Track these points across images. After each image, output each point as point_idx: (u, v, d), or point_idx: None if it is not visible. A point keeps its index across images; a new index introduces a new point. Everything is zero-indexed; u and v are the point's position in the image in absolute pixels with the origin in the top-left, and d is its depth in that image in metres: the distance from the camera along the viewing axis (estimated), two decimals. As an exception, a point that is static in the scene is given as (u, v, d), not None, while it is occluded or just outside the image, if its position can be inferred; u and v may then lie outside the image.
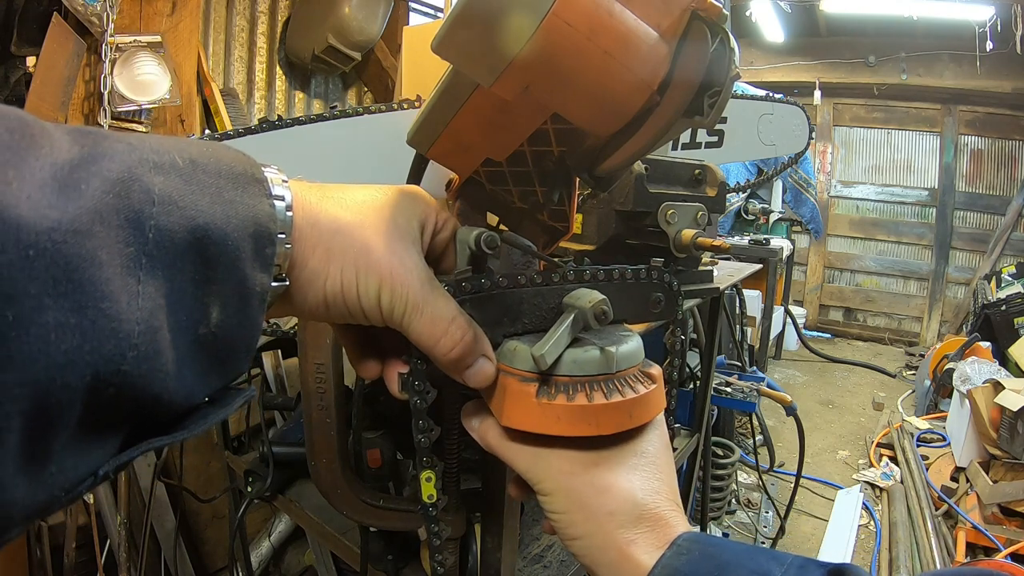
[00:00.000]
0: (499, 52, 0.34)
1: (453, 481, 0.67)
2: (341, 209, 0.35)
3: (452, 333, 0.36)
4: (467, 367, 0.38)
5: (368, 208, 0.36)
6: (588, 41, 0.33)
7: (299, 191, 0.33)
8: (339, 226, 0.34)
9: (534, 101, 0.38)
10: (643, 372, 0.42)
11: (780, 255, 3.89)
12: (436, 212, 0.40)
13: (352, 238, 0.34)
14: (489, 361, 0.39)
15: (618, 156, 0.42)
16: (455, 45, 0.35)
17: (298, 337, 0.80)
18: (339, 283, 0.34)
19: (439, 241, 0.41)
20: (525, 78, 0.35)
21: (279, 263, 0.31)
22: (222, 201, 0.28)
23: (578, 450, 0.38)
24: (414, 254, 0.36)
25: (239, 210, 0.28)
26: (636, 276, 0.45)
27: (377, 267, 0.34)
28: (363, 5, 2.59)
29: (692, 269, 0.98)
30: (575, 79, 0.36)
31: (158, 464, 1.64)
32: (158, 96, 1.73)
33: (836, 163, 5.70)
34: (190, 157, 0.28)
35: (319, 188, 0.35)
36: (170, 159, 0.27)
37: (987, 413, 2.53)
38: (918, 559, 2.24)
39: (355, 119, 1.01)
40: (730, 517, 2.61)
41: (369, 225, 0.35)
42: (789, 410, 1.95)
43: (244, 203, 0.29)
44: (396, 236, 0.35)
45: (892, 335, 5.57)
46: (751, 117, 1.42)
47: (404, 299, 0.35)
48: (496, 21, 0.33)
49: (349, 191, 0.36)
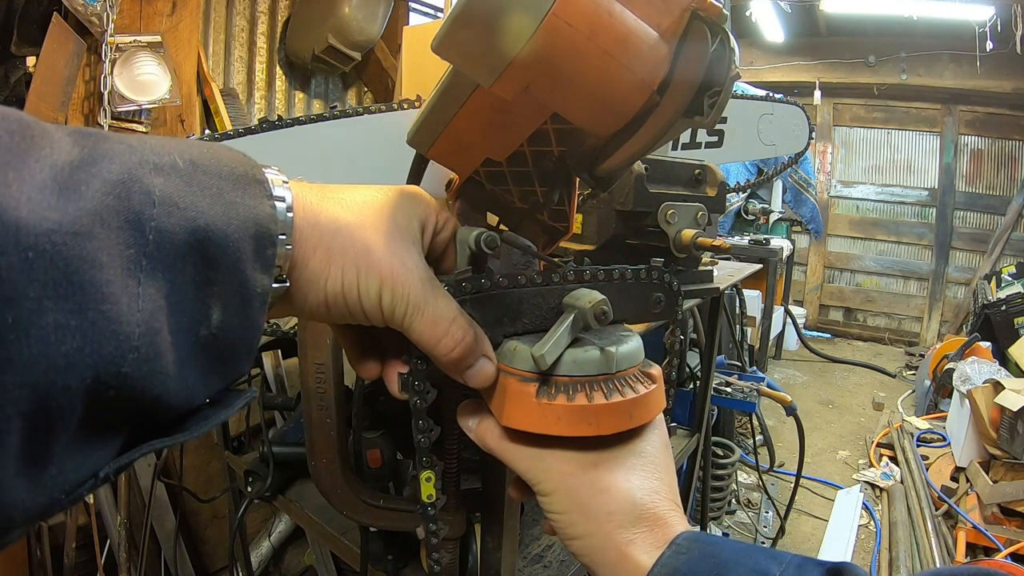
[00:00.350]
0: (499, 52, 0.34)
1: (453, 481, 0.67)
2: (341, 209, 0.35)
3: (453, 333, 0.36)
4: (468, 367, 0.38)
5: (368, 208, 0.36)
6: (588, 41, 0.33)
7: (299, 192, 0.33)
8: (339, 226, 0.34)
9: (534, 101, 0.38)
10: (643, 372, 0.42)
11: (780, 255, 3.89)
12: (436, 212, 0.40)
13: (352, 238, 0.34)
14: (490, 361, 0.39)
15: (618, 156, 0.42)
16: (455, 45, 0.35)
17: (298, 337, 0.80)
18: (340, 283, 0.34)
19: (439, 241, 0.41)
20: (525, 78, 0.35)
21: (280, 264, 0.31)
22: (223, 202, 0.28)
23: (577, 451, 0.38)
24: (415, 254, 0.36)
25: (240, 211, 0.28)
26: (636, 276, 0.45)
27: (378, 267, 0.34)
28: (363, 5, 2.59)
29: (692, 269, 0.98)
30: (575, 79, 0.36)
31: (158, 464, 1.64)
32: (158, 96, 1.73)
33: (836, 163, 5.70)
34: (190, 158, 0.28)
35: (319, 189, 0.35)
36: (170, 160, 0.27)
37: (987, 413, 2.53)
38: (918, 559, 2.24)
39: (355, 119, 1.01)
40: (730, 517, 2.61)
41: (369, 225, 0.35)
42: (789, 410, 1.96)
43: (245, 204, 0.29)
44: (397, 236, 0.36)
45: (892, 335, 5.57)
46: (751, 117, 1.42)
47: (405, 299, 0.35)
48: (496, 21, 0.33)
49: (349, 192, 0.36)
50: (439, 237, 0.41)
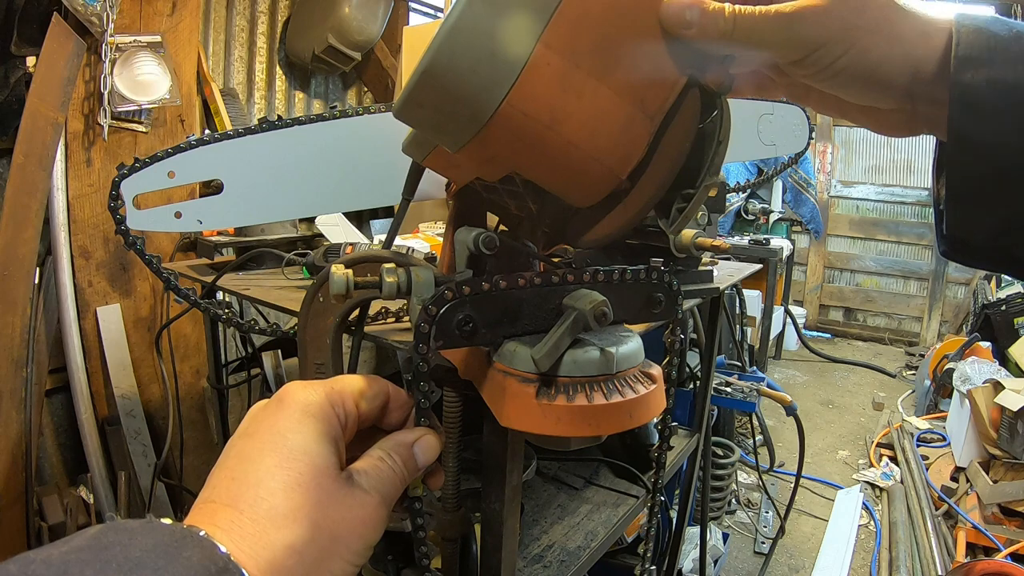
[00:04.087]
0: (456, 132, 0.32)
1: (453, 481, 0.67)
2: (278, 530, 0.31)
3: (391, 490, 0.37)
4: (424, 463, 0.39)
5: (294, 497, 0.32)
6: (548, 131, 0.31)
7: (245, 542, 0.29)
8: (294, 551, 0.31)
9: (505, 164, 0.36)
10: (643, 372, 0.42)
11: (780, 255, 3.89)
12: (331, 409, 0.36)
13: (313, 546, 0.31)
14: (431, 437, 0.40)
15: (596, 232, 0.40)
16: (414, 117, 0.33)
17: (298, 337, 0.79)
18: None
19: (365, 411, 0.39)
20: (487, 153, 0.33)
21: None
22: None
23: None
24: (355, 492, 0.35)
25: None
26: (636, 276, 0.45)
27: (347, 551, 0.33)
28: (363, 5, 2.59)
29: (692, 269, 0.98)
30: (537, 161, 0.33)
31: (158, 464, 1.64)
32: (158, 96, 1.73)
33: (836, 163, 5.69)
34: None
35: (251, 516, 0.31)
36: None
37: (987, 413, 2.53)
38: (918, 559, 2.24)
39: (355, 119, 1.01)
40: (730, 517, 2.61)
41: (307, 510, 0.32)
42: (789, 410, 1.96)
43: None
44: (336, 498, 0.33)
45: (892, 335, 5.57)
46: (751, 117, 1.42)
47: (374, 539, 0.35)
48: (449, 106, 0.30)
49: (262, 490, 0.32)
50: (363, 407, 0.39)
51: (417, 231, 1.53)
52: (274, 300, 0.98)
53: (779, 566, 2.33)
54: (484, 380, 0.43)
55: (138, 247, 0.91)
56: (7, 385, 1.53)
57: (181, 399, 1.83)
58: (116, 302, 1.81)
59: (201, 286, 1.15)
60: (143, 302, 1.87)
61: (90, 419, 1.74)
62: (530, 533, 0.99)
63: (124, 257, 1.81)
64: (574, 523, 1.03)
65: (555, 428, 0.38)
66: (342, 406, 0.37)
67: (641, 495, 1.12)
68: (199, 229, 1.14)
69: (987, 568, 1.81)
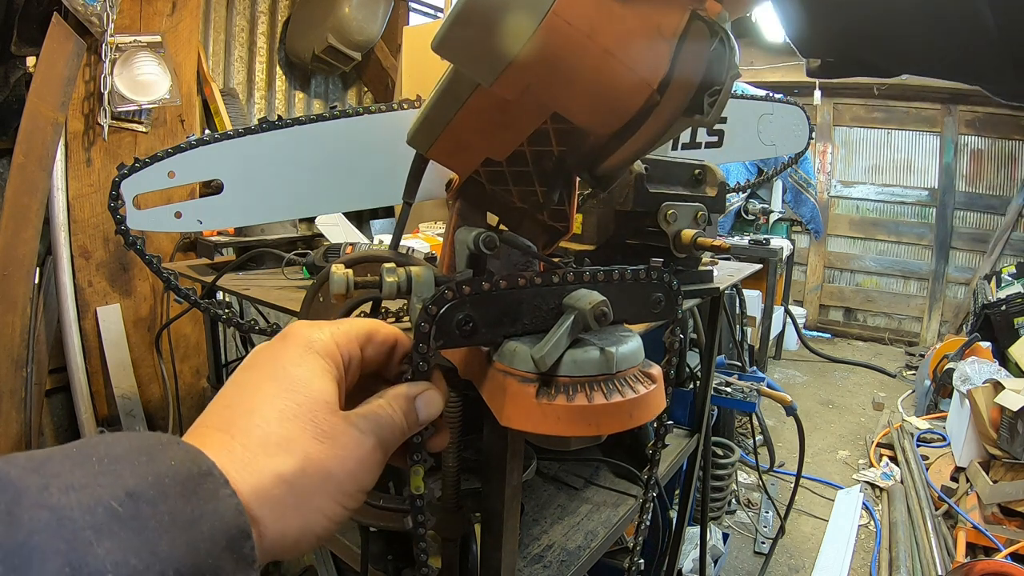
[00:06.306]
0: (499, 52, 0.34)
1: (453, 481, 0.67)
2: (269, 458, 0.30)
3: (396, 427, 0.37)
4: (424, 417, 0.39)
5: (288, 424, 0.32)
6: (589, 40, 0.34)
7: (231, 464, 0.29)
8: (283, 479, 0.31)
9: (535, 100, 0.38)
10: (643, 372, 0.42)
11: (780, 255, 3.89)
12: (335, 348, 0.36)
13: (302, 487, 0.31)
14: (434, 393, 0.40)
15: (618, 155, 0.42)
16: (455, 45, 0.35)
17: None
18: (309, 530, 0.32)
19: (370, 357, 0.39)
20: (526, 77, 0.35)
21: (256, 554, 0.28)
22: (181, 528, 0.25)
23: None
24: (352, 431, 0.34)
25: (204, 528, 0.25)
26: (636, 276, 0.45)
27: (337, 493, 0.33)
28: (363, 5, 2.59)
29: (692, 269, 0.98)
30: (576, 78, 0.36)
31: (158, 464, 1.63)
32: (158, 96, 1.73)
33: (836, 163, 5.70)
34: (126, 490, 0.24)
35: (242, 441, 0.30)
36: (106, 510, 0.23)
37: (987, 413, 2.53)
38: (918, 559, 2.24)
39: (355, 119, 1.01)
40: (730, 517, 2.61)
41: (298, 447, 0.32)
42: (789, 410, 1.95)
43: (205, 515, 0.26)
44: (328, 431, 0.33)
45: (892, 335, 5.57)
46: (751, 117, 1.42)
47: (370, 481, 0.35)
48: (496, 20, 0.33)
49: (259, 417, 0.32)
50: (368, 352, 0.39)
51: (417, 231, 1.53)
52: (274, 300, 0.98)
53: (779, 566, 2.33)
54: (484, 380, 0.43)
55: (138, 247, 0.91)
56: (7, 385, 1.53)
57: (181, 399, 1.83)
58: (116, 302, 1.81)
59: (201, 286, 1.15)
60: (143, 302, 1.87)
61: (90, 419, 1.74)
62: (530, 533, 0.99)
63: (124, 257, 1.81)
64: (574, 523, 1.03)
65: (555, 428, 0.38)
66: (347, 347, 0.37)
67: (640, 495, 1.12)
68: (199, 229, 1.14)
69: (987, 568, 1.82)
